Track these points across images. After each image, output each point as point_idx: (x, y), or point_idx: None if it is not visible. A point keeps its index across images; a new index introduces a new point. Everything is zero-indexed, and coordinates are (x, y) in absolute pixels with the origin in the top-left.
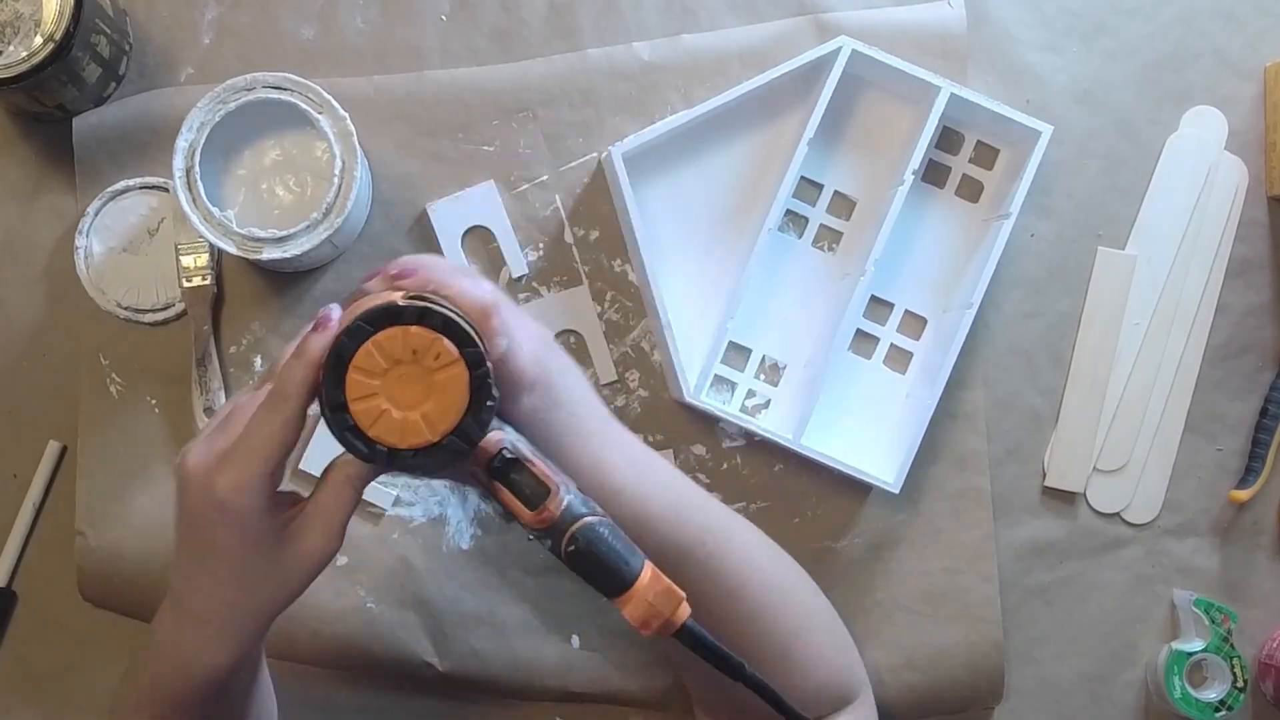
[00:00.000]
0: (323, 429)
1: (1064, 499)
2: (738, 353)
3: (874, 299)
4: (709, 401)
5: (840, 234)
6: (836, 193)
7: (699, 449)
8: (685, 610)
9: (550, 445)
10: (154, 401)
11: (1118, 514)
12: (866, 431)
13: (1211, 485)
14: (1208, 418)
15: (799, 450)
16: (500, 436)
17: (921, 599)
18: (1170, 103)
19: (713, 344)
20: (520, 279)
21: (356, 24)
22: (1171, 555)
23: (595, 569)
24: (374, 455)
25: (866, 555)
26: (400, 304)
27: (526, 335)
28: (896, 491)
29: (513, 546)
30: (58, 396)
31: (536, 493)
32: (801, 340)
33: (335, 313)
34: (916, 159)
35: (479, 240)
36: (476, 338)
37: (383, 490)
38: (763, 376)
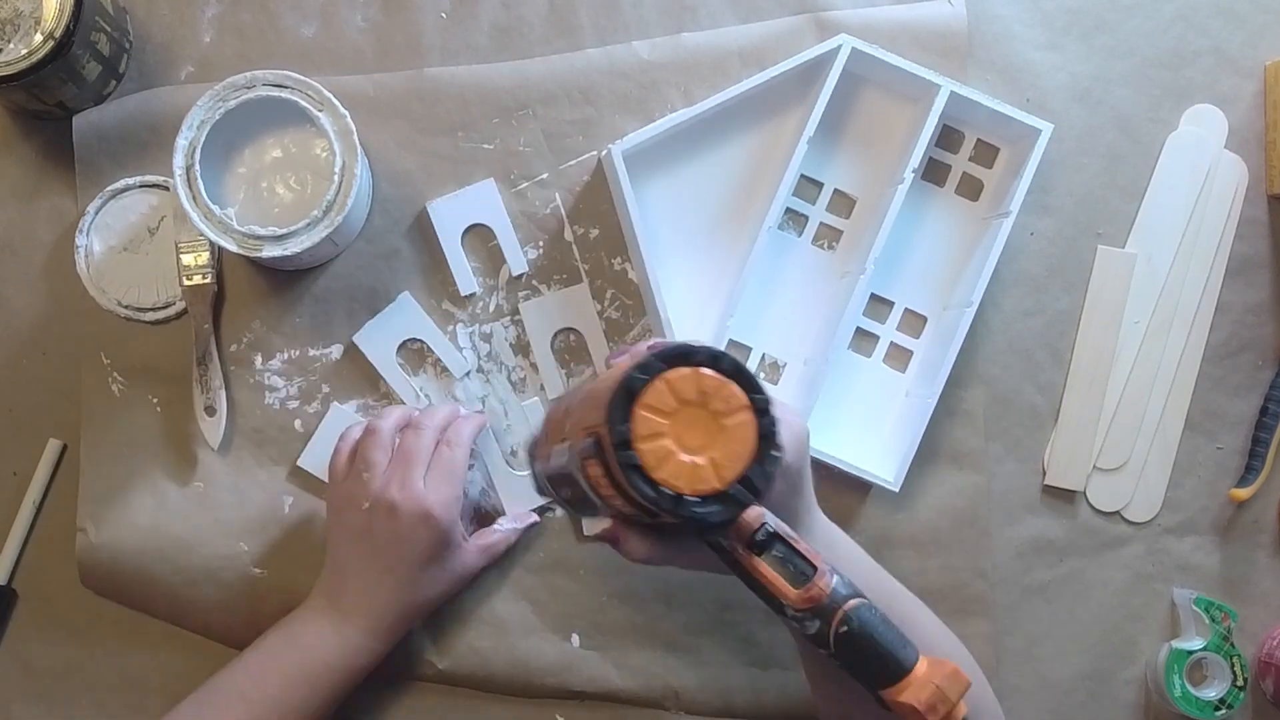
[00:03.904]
0: (322, 430)
1: (1064, 497)
2: (738, 351)
3: (874, 297)
4: None
5: (840, 232)
6: (836, 191)
7: None
8: (963, 709)
9: None
10: (155, 400)
11: (1118, 512)
12: (866, 430)
13: (1211, 483)
14: (1208, 416)
15: None
16: (760, 510)
17: (920, 597)
18: (1170, 101)
19: (712, 342)
20: (520, 277)
21: (357, 22)
22: (1171, 553)
23: (869, 653)
24: (660, 500)
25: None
26: (693, 345)
27: (788, 422)
28: (896, 490)
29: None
30: (58, 394)
31: (802, 571)
32: (801, 338)
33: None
34: (916, 157)
35: (479, 238)
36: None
37: None
38: (763, 374)
